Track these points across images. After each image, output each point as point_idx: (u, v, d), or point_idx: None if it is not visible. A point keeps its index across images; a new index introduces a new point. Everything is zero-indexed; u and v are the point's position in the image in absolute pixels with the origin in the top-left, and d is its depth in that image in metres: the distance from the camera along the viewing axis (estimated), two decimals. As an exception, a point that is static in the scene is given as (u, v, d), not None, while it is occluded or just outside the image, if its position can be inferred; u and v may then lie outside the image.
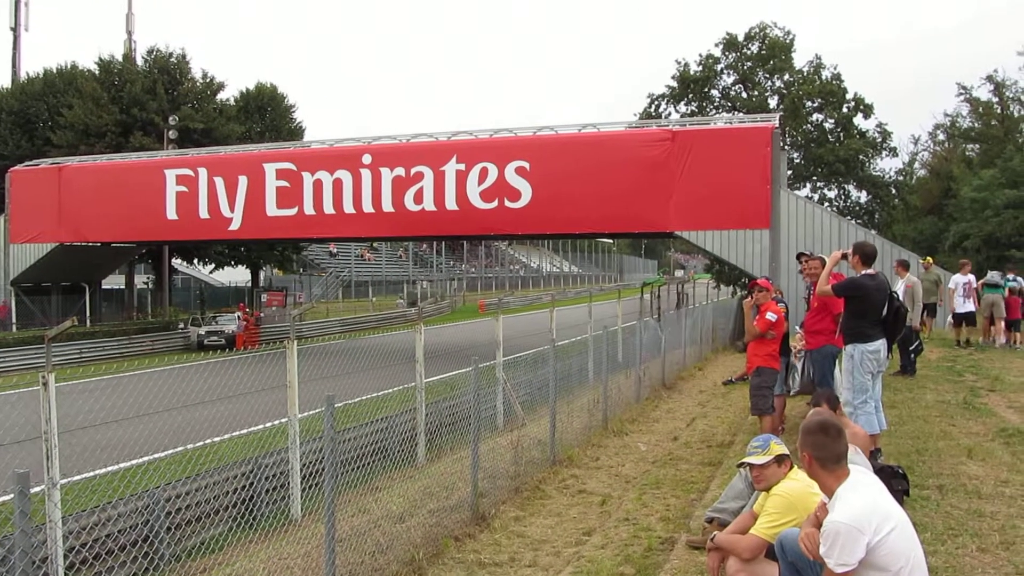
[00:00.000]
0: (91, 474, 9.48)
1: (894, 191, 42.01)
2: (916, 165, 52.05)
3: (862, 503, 3.75)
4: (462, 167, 25.96)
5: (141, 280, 47.58)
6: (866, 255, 8.29)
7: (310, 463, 9.66)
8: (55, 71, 42.15)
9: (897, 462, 7.63)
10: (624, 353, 17.55)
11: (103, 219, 31.12)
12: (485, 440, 10.22)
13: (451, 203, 26.15)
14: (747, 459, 5.14)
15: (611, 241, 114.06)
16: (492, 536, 7.95)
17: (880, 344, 8.18)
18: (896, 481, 6.48)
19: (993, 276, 18.63)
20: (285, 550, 7.75)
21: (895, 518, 3.76)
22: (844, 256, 8.57)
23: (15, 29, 49.35)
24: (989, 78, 45.81)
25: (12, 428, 12.28)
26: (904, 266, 15.64)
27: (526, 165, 25.25)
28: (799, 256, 10.69)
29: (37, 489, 5.67)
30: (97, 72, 40.00)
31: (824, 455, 3.95)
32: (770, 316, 9.84)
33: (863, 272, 8.21)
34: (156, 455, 10.52)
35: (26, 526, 4.41)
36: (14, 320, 33.79)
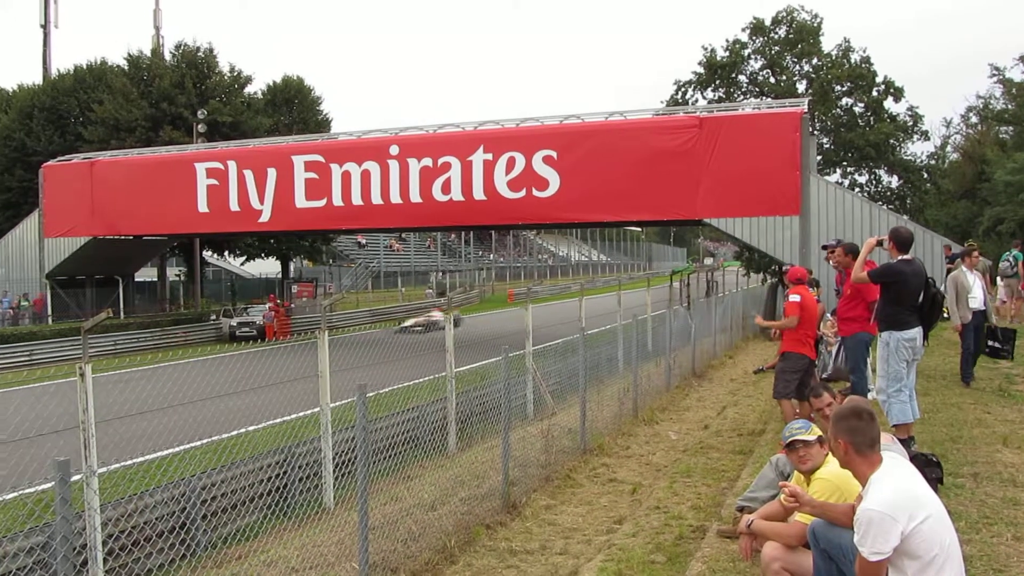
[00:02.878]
0: (128, 462, 9.62)
1: (926, 175, 41.44)
2: (948, 148, 51.32)
3: (895, 490, 3.71)
4: (489, 157, 25.95)
5: (173, 272, 48.08)
6: (902, 241, 8.12)
7: (342, 452, 9.75)
8: (85, 67, 42.55)
9: (931, 450, 7.55)
10: (654, 342, 17.52)
11: (135, 213, 31.46)
12: (516, 429, 10.26)
13: (479, 193, 26.16)
14: (796, 437, 5.10)
15: (639, 229, 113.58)
16: (523, 524, 8.00)
17: (916, 332, 8.06)
18: (930, 469, 6.41)
19: None
20: (318, 537, 7.84)
21: (930, 506, 3.72)
22: (879, 243, 8.45)
23: (45, 26, 49.78)
24: (1022, 58, 44.98)
25: (51, 418, 12.52)
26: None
27: (553, 154, 25.19)
28: (824, 247, 10.54)
29: (76, 477, 5.78)
30: (126, 67, 40.37)
31: (859, 440, 3.92)
32: (793, 298, 9.66)
33: (899, 258, 8.09)
34: (191, 444, 10.65)
35: (67, 512, 4.50)
36: (50, 312, 34.30)
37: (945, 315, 15.90)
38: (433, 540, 7.32)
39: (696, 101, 39.90)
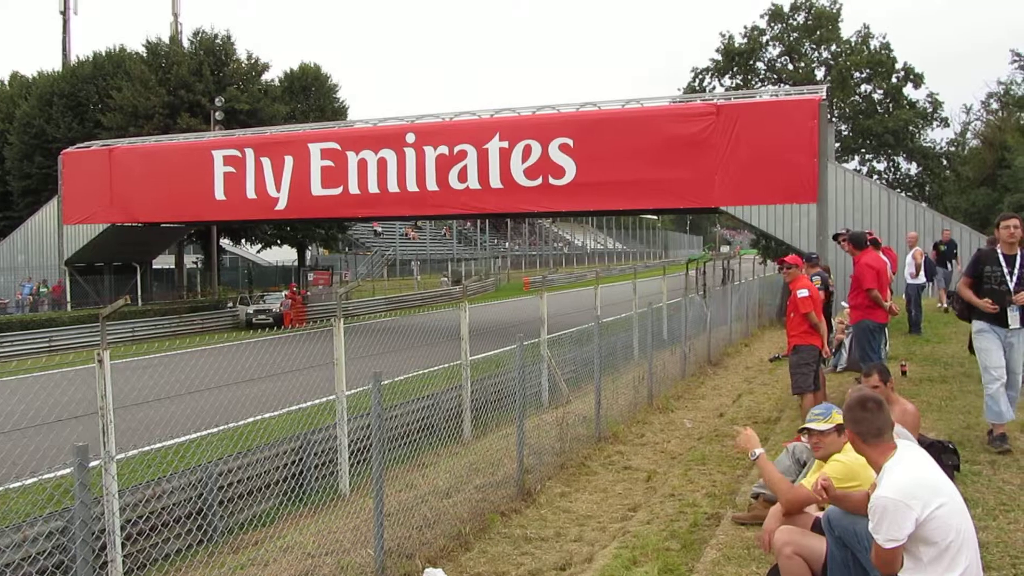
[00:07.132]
0: (146, 448, 9.71)
1: (945, 162, 41.14)
2: (968, 135, 50.87)
3: (909, 477, 3.70)
4: (505, 145, 25.90)
5: (190, 260, 48.37)
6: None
7: (358, 439, 9.79)
8: (104, 54, 42.78)
9: (948, 437, 7.52)
10: (669, 330, 17.49)
11: (153, 200, 31.62)
12: (530, 417, 10.26)
13: (495, 181, 26.12)
14: (808, 424, 5.09)
15: (656, 217, 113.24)
16: (538, 511, 8.01)
17: None
18: (947, 456, 6.39)
19: None
20: (334, 524, 7.88)
21: (944, 492, 3.71)
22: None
23: (64, 13, 50.03)
24: (1045, 45, 44.43)
25: (69, 404, 12.63)
26: None
27: (570, 142, 25.11)
28: (835, 236, 10.48)
29: (95, 463, 5.83)
30: (145, 54, 40.50)
31: (864, 429, 3.93)
32: (801, 293, 9.38)
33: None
34: (208, 431, 10.72)
35: (86, 498, 4.53)
36: (69, 299, 34.60)
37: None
38: (448, 527, 7.34)
39: (713, 88, 39.78)
